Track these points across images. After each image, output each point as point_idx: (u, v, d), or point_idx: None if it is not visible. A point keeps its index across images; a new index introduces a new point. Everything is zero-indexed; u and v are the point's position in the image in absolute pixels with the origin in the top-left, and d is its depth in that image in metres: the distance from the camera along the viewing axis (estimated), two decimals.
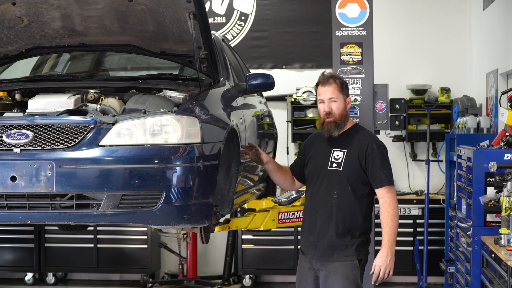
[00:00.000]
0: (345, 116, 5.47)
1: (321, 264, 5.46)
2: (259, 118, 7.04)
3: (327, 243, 5.43)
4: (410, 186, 11.14)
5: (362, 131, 5.58)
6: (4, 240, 10.90)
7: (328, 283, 5.41)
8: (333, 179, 5.43)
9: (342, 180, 5.40)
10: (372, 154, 5.36)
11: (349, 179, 5.39)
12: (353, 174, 5.39)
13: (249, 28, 11.46)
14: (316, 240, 5.48)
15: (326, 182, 5.45)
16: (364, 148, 5.37)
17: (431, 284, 10.52)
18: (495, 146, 7.56)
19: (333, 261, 5.41)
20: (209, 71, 5.83)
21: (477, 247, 7.20)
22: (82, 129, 4.87)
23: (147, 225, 5.07)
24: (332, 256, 5.41)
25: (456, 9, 11.13)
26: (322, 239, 5.45)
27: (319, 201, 5.48)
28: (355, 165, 5.39)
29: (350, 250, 5.40)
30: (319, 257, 5.46)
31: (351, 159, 5.40)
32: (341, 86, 5.45)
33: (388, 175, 5.39)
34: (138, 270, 10.89)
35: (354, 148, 5.41)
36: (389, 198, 5.39)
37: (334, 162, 5.45)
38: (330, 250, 5.42)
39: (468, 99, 10.51)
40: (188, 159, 4.89)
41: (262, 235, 10.24)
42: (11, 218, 4.91)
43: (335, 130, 5.44)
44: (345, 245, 5.40)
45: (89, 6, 5.56)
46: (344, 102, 5.47)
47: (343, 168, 5.41)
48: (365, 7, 7.14)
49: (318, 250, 5.47)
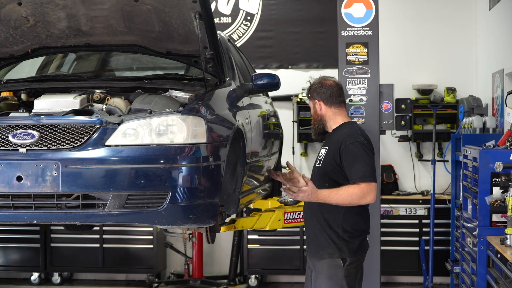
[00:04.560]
0: (318, 119, 5.65)
1: (312, 263, 5.57)
2: (265, 118, 7.04)
3: (314, 240, 5.52)
4: (416, 186, 11.13)
5: (346, 129, 5.57)
6: (10, 240, 10.91)
7: (316, 283, 5.49)
8: (316, 176, 5.57)
9: (321, 176, 5.50)
10: (345, 151, 5.36)
11: (326, 175, 5.45)
12: (329, 170, 5.44)
13: (255, 28, 11.45)
14: (308, 236, 5.63)
15: (313, 179, 5.51)
16: (339, 144, 5.40)
17: (437, 284, 10.51)
18: (501, 146, 7.54)
19: (319, 258, 5.48)
20: (215, 71, 5.84)
21: (483, 247, 7.18)
22: (88, 129, 4.88)
23: (153, 225, 5.08)
24: (318, 253, 5.48)
25: (462, 9, 11.11)
26: (311, 235, 5.57)
27: None
28: (331, 161, 5.43)
29: (332, 248, 5.42)
30: (310, 254, 5.58)
31: (329, 156, 5.48)
32: (308, 93, 5.74)
33: (359, 171, 5.28)
34: (144, 270, 10.90)
35: (333, 145, 5.47)
36: (356, 188, 5.25)
37: (318, 160, 5.60)
38: (317, 246, 5.50)
39: (474, 99, 10.49)
40: (193, 159, 4.89)
41: (268, 235, 10.24)
42: (17, 218, 4.92)
43: (312, 131, 5.76)
44: (328, 242, 5.43)
45: (95, 6, 5.57)
46: (313, 106, 5.68)
47: (321, 164, 5.53)
48: (371, 7, 7.13)
49: (309, 246, 5.61)
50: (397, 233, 10.48)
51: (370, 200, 5.29)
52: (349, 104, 7.03)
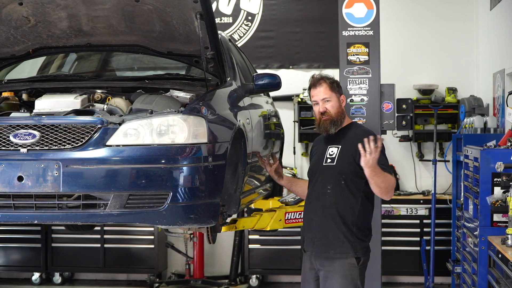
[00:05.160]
0: (341, 114, 5.56)
1: (321, 264, 5.47)
2: (266, 118, 7.04)
3: (324, 239, 5.44)
4: (417, 186, 11.12)
5: (358, 127, 5.64)
6: (11, 240, 10.91)
7: (327, 283, 5.41)
8: (327, 175, 5.48)
9: (335, 174, 5.43)
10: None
11: (342, 173, 5.41)
12: (346, 168, 5.41)
13: (256, 28, 11.45)
14: (314, 236, 5.51)
15: (321, 178, 5.49)
16: (358, 141, 5.34)
17: (438, 284, 10.51)
18: (502, 146, 7.55)
19: (330, 259, 5.40)
20: (216, 71, 5.84)
21: (484, 247, 7.19)
22: (89, 129, 4.88)
23: (154, 225, 5.07)
24: (328, 253, 5.41)
25: (463, 9, 11.11)
26: (318, 235, 5.47)
27: (314, 197, 5.53)
28: (349, 159, 5.40)
29: (346, 247, 5.39)
30: (317, 253, 5.48)
31: (345, 154, 5.43)
32: (331, 86, 5.55)
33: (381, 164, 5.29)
34: (145, 270, 10.90)
35: (349, 143, 5.44)
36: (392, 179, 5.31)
37: (329, 158, 5.50)
38: (326, 246, 5.42)
39: (475, 99, 10.49)
40: (194, 159, 4.90)
41: (268, 235, 10.23)
42: (18, 218, 4.92)
43: (331, 127, 5.53)
44: (341, 241, 5.39)
45: (95, 6, 5.57)
46: (338, 100, 5.56)
47: (336, 163, 5.45)
48: (372, 7, 7.13)
49: (315, 246, 5.49)
50: (398, 233, 10.47)
51: (392, 194, 5.36)
52: (350, 104, 7.04)
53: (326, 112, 5.52)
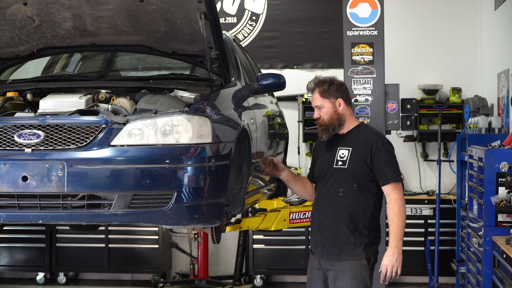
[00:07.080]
0: (336, 119, 5.51)
1: (330, 264, 5.45)
2: (270, 118, 7.04)
3: (335, 242, 5.42)
4: (421, 186, 11.12)
5: (367, 129, 5.61)
6: (16, 240, 10.93)
7: (337, 283, 5.39)
8: (338, 177, 5.45)
9: (347, 177, 5.41)
10: (377, 151, 5.36)
11: (355, 177, 5.39)
12: (358, 171, 5.39)
13: (260, 28, 11.46)
14: (324, 239, 5.48)
15: (332, 181, 5.46)
16: (369, 145, 5.37)
17: (442, 284, 10.51)
18: (507, 146, 7.54)
19: (341, 260, 5.39)
20: (220, 71, 5.83)
21: (488, 247, 7.18)
22: (93, 129, 4.88)
23: (158, 225, 5.07)
24: (340, 255, 5.40)
25: (467, 9, 11.11)
26: (329, 237, 5.45)
27: (326, 199, 5.50)
28: (360, 162, 5.39)
29: (358, 249, 5.39)
30: (327, 256, 5.46)
31: (356, 156, 5.41)
32: (323, 93, 5.52)
33: (393, 172, 5.36)
34: (149, 270, 10.91)
35: (359, 146, 5.42)
36: (395, 195, 5.36)
37: (340, 161, 5.47)
38: (338, 248, 5.41)
39: (480, 99, 10.48)
40: (199, 159, 4.89)
41: (273, 235, 10.25)
42: (23, 218, 4.92)
43: (324, 133, 5.52)
44: (353, 244, 5.39)
45: (100, 6, 5.56)
46: (333, 105, 5.51)
47: (348, 166, 5.42)
48: (376, 7, 7.13)
49: (326, 249, 5.47)
50: None
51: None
52: (354, 104, 7.04)
53: (320, 118, 5.53)
